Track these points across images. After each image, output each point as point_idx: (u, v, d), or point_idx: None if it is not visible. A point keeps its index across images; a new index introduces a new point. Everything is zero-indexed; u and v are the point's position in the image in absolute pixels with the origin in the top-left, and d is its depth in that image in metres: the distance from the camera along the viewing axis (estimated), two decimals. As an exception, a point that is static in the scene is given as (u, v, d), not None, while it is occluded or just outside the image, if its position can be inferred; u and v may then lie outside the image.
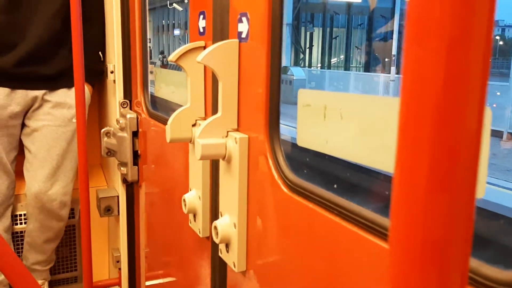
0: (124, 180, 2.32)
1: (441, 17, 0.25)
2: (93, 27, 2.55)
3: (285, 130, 1.13)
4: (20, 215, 2.70)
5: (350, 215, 0.83)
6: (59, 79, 2.59)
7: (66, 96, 2.60)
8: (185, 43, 1.46)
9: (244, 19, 1.15)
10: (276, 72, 1.06)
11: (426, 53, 0.26)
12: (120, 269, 2.55)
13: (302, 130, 0.99)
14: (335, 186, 0.93)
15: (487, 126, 0.57)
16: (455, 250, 0.27)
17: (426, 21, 0.25)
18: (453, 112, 0.26)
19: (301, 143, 1.00)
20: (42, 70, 2.52)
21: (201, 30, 1.41)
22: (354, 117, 0.82)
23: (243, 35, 1.16)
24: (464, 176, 0.27)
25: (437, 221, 0.27)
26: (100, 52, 2.65)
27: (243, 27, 1.15)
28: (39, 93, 2.55)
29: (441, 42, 0.25)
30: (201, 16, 1.40)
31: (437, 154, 0.26)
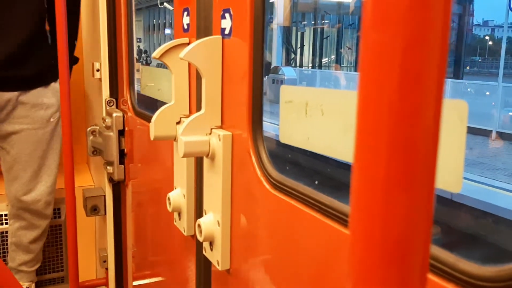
0: (111, 179, 2.30)
1: (398, 2, 0.24)
2: (70, 20, 2.48)
3: (276, 129, 1.12)
4: (6, 214, 2.67)
5: (332, 212, 0.83)
6: (35, 78, 2.51)
7: (42, 95, 2.50)
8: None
9: (227, 15, 1.14)
10: (258, 69, 1.05)
11: (383, 39, 0.25)
12: (107, 269, 2.53)
13: (284, 127, 0.98)
14: (316, 182, 0.93)
15: (464, 121, 0.56)
16: (415, 249, 0.26)
17: (383, 6, 0.25)
18: (411, 103, 0.25)
19: (283, 139, 0.99)
20: (19, 72, 2.44)
21: (185, 27, 1.40)
22: (335, 113, 0.82)
23: (226, 31, 1.15)
24: (422, 172, 0.26)
25: (395, 220, 0.26)
26: (75, 41, 2.59)
27: (226, 23, 1.14)
28: (13, 94, 2.45)
29: (399, 28, 0.25)
30: (185, 13, 1.39)
31: (395, 150, 0.26)
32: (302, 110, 0.88)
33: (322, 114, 0.82)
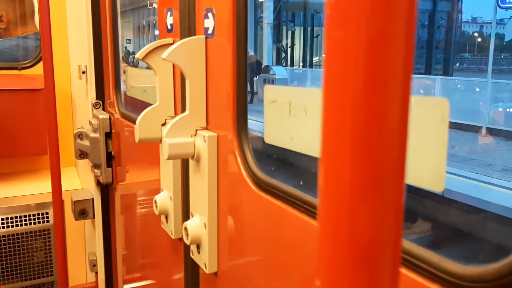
0: (99, 183, 2.28)
1: (360, 4, 0.23)
2: None
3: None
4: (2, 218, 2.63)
5: (316, 212, 0.81)
6: None
7: None
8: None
9: (210, 14, 1.12)
10: (242, 69, 1.04)
11: (346, 37, 0.24)
12: (97, 273, 2.50)
13: (269, 127, 0.97)
14: (301, 183, 0.92)
15: (446, 118, 0.55)
16: (383, 250, 0.25)
17: (345, 4, 0.23)
18: (376, 102, 0.24)
19: (268, 140, 0.98)
20: None
21: (169, 27, 1.38)
22: (319, 112, 0.80)
23: (209, 31, 1.13)
24: (390, 174, 0.25)
25: (363, 221, 0.25)
26: None
27: (209, 23, 1.13)
28: None
29: (361, 25, 0.23)
30: (169, 13, 1.37)
31: (360, 152, 0.24)
32: (286, 110, 0.87)
33: (305, 114, 0.81)
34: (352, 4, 0.23)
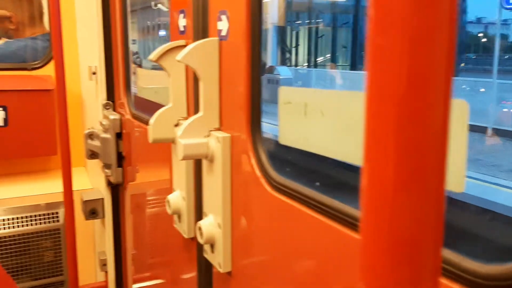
0: (109, 182, 2.30)
1: (404, 7, 0.24)
2: None
3: (273, 129, 1.12)
4: (4, 219, 2.66)
5: (332, 212, 0.83)
6: None
7: None
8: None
9: (223, 17, 1.14)
10: (256, 70, 1.05)
11: (389, 44, 0.25)
12: (106, 272, 2.52)
13: (283, 128, 0.98)
14: (317, 183, 0.93)
15: (465, 120, 0.56)
16: (425, 250, 0.26)
17: (389, 11, 0.25)
18: (418, 107, 0.25)
19: (283, 141, 0.99)
20: None
21: (182, 29, 1.39)
22: (335, 114, 0.82)
23: (223, 33, 1.15)
24: (432, 172, 0.26)
25: (406, 220, 0.26)
26: None
27: (223, 25, 1.14)
28: None
29: (404, 32, 0.24)
30: (181, 15, 1.39)
31: (404, 151, 0.26)
32: (301, 111, 0.88)
33: (322, 115, 0.82)
34: (394, 9, 0.25)
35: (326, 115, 0.82)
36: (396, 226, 0.26)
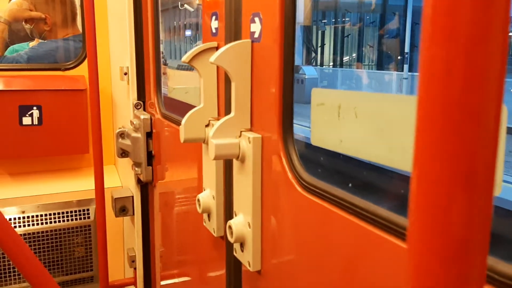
0: (139, 181, 2.34)
1: (458, 17, 0.25)
2: None
3: (298, 129, 1.13)
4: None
5: (366, 214, 0.83)
6: None
7: None
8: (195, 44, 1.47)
9: (256, 19, 1.15)
10: (289, 72, 1.06)
11: (443, 53, 0.26)
12: (135, 268, 2.57)
13: (316, 129, 0.99)
14: (350, 185, 0.93)
15: (503, 124, 0.56)
16: (474, 250, 0.27)
17: (443, 21, 0.26)
18: (471, 112, 0.26)
19: (315, 142, 1.00)
20: None
21: (214, 31, 1.41)
22: (369, 116, 0.82)
23: (256, 35, 1.16)
24: (482, 176, 0.27)
25: (456, 221, 0.27)
26: None
27: (256, 27, 1.16)
28: None
29: (459, 42, 0.25)
30: (214, 17, 1.41)
31: (456, 154, 0.27)
32: (335, 113, 0.89)
33: (355, 117, 0.83)
34: (449, 22, 0.26)
35: (360, 117, 0.83)
36: (446, 230, 0.27)
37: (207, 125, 1.40)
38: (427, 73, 0.27)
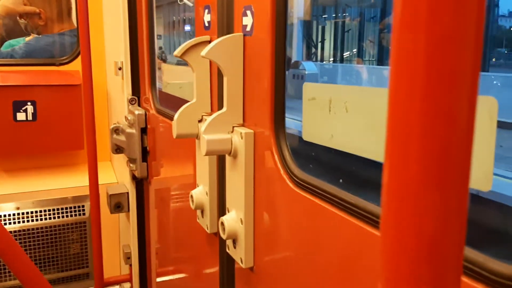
0: (134, 177, 2.33)
1: (429, 4, 0.23)
2: None
3: (298, 125, 1.11)
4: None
5: (356, 209, 0.82)
6: None
7: None
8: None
9: (248, 12, 1.13)
10: (280, 66, 1.04)
11: (414, 41, 0.24)
12: (131, 265, 2.56)
13: (307, 124, 0.97)
14: (340, 180, 0.92)
15: (493, 117, 0.55)
16: (448, 246, 0.25)
17: (414, 8, 0.24)
18: (443, 104, 0.24)
19: (306, 137, 0.98)
20: None
21: (206, 25, 1.39)
22: (360, 110, 0.80)
23: (248, 29, 1.14)
24: (455, 171, 0.25)
25: (428, 218, 0.25)
26: None
27: (248, 21, 1.14)
28: None
29: (429, 30, 0.24)
30: (206, 10, 1.39)
31: (427, 149, 0.25)
32: (326, 108, 0.87)
33: (346, 112, 0.81)
34: (419, 6, 0.24)
35: (351, 111, 0.81)
36: (418, 224, 0.25)
37: (200, 121, 1.39)
38: (397, 66, 0.25)
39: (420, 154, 0.25)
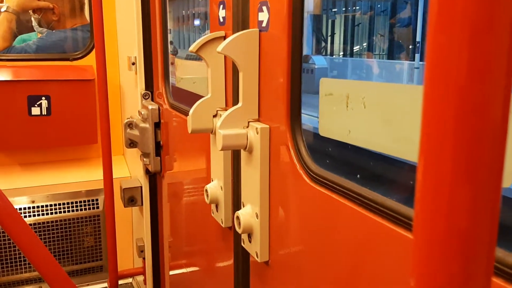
0: (147, 171, 2.34)
1: (464, 4, 0.24)
2: None
3: (306, 119, 1.11)
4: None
5: (373, 205, 0.82)
6: None
7: None
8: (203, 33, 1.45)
9: (264, 8, 1.13)
10: (297, 62, 1.04)
11: (449, 41, 0.24)
12: (144, 258, 2.58)
13: (324, 120, 0.98)
14: (358, 176, 0.92)
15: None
16: (480, 241, 0.26)
17: (450, 8, 0.24)
18: (477, 101, 0.25)
19: (323, 132, 0.99)
20: None
21: (221, 20, 1.40)
22: (378, 106, 0.81)
23: (264, 24, 1.15)
24: (489, 166, 0.26)
25: (461, 212, 0.26)
26: None
27: (264, 16, 1.14)
28: None
29: (464, 29, 0.24)
30: (221, 6, 1.39)
31: (462, 144, 0.25)
32: (343, 103, 0.88)
33: (364, 107, 0.81)
34: (456, 9, 0.24)
35: (368, 107, 0.81)
36: (450, 220, 0.26)
37: (214, 116, 1.40)
38: (433, 63, 0.25)
39: (454, 151, 0.26)
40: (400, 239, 0.76)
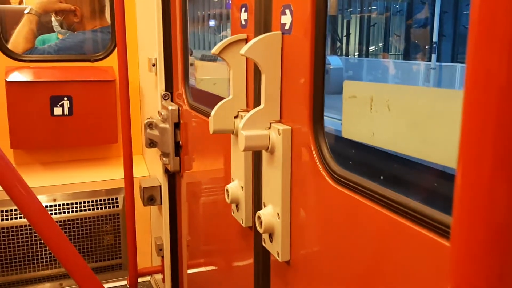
0: (166, 170, 2.38)
1: (504, 18, 0.26)
2: None
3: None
4: (67, 204, 2.80)
5: (398, 206, 0.83)
6: None
7: None
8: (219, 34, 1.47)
9: (287, 11, 1.15)
10: (320, 64, 1.06)
11: (490, 53, 0.26)
12: (163, 257, 2.61)
13: (347, 122, 0.99)
14: (381, 177, 0.93)
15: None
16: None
17: (490, 22, 0.26)
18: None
19: (346, 134, 1.00)
20: None
21: (243, 23, 1.42)
22: (402, 109, 0.82)
23: (286, 27, 1.16)
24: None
25: (500, 210, 0.27)
26: None
27: (287, 19, 1.16)
28: None
29: (505, 42, 0.26)
30: (243, 9, 1.41)
31: (501, 145, 0.27)
32: (367, 106, 0.89)
33: (388, 110, 0.82)
34: (496, 23, 0.26)
35: (393, 110, 0.83)
36: (489, 216, 0.27)
37: (235, 117, 1.41)
38: (473, 64, 0.27)
39: (494, 150, 0.27)
40: (424, 240, 0.77)
